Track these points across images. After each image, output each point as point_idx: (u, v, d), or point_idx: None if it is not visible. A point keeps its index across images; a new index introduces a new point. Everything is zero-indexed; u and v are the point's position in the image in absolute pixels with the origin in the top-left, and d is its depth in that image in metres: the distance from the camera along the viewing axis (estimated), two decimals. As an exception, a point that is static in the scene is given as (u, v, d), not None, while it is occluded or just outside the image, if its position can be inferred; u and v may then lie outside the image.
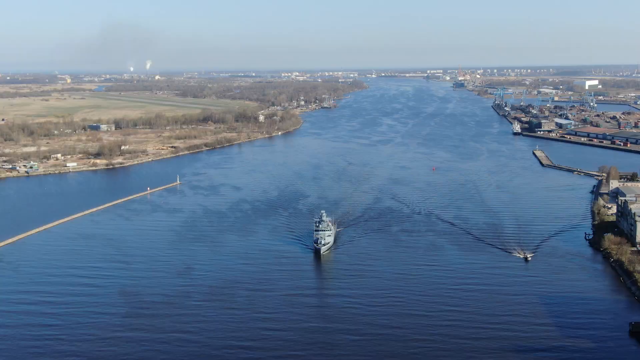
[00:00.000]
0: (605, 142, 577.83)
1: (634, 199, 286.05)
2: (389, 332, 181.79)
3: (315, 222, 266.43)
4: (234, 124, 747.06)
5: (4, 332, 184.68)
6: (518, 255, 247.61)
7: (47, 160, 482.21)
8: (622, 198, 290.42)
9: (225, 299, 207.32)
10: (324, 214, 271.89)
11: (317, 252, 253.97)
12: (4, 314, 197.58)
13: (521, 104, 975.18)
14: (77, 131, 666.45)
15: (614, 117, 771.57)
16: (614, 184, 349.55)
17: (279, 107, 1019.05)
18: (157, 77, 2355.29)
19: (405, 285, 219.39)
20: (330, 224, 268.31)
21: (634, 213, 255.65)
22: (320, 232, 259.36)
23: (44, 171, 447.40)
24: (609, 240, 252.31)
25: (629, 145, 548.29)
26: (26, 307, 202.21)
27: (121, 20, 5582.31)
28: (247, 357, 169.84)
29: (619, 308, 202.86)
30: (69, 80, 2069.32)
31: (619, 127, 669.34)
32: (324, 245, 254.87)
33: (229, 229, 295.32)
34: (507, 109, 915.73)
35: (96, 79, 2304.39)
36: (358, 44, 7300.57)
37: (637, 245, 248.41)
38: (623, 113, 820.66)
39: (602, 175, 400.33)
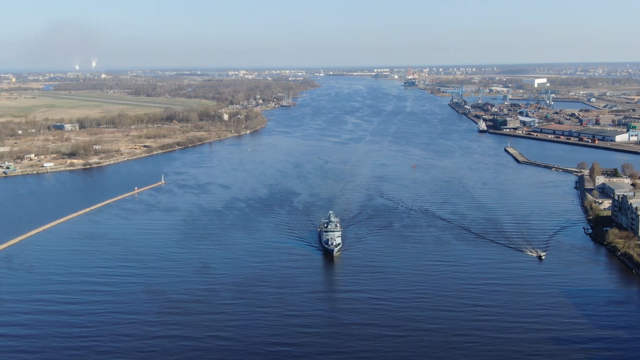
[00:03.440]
0: (573, 139, 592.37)
1: (632, 193, 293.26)
2: (427, 331, 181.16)
3: (324, 223, 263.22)
4: (198, 122, 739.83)
5: (38, 343, 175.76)
6: (530, 253, 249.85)
7: (21, 160, 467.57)
8: (618, 193, 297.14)
9: (254, 298, 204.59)
10: (332, 215, 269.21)
11: (328, 253, 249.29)
12: (31, 322, 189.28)
13: (479, 102, 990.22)
14: (41, 131, 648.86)
15: (572, 114, 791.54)
16: (600, 179, 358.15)
17: (238, 106, 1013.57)
18: (103, 76, 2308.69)
19: (427, 283, 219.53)
20: (337, 224, 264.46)
21: (636, 207, 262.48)
22: (330, 233, 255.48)
23: (21, 172, 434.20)
24: (614, 234, 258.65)
25: (596, 141, 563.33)
26: (51, 316, 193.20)
27: (63, 19, 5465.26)
28: (293, 357, 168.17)
29: (638, 299, 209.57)
30: (13, 80, 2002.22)
31: (581, 124, 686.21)
32: (336, 246, 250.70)
33: (233, 227, 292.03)
34: (467, 107, 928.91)
35: (41, 78, 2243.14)
36: (304, 42, 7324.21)
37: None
38: (581, 110, 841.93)
39: (582, 172, 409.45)
